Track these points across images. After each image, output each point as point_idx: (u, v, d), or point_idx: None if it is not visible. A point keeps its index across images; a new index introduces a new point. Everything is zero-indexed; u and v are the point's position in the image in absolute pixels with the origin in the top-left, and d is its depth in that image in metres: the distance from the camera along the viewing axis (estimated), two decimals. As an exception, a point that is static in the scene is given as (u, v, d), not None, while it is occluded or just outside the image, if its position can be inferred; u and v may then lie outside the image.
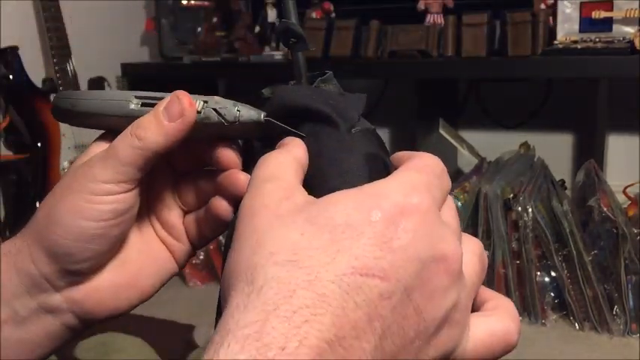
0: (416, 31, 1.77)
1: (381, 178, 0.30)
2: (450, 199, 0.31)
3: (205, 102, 0.35)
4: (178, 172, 0.41)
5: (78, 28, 2.00)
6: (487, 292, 0.31)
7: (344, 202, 0.26)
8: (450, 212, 0.30)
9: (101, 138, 0.38)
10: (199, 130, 0.35)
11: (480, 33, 1.68)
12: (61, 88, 1.89)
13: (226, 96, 0.36)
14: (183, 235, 0.41)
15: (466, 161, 1.97)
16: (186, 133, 0.35)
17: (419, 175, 0.28)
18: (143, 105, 0.36)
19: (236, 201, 0.36)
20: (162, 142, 0.35)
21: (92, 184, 0.35)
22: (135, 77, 2.20)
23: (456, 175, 1.85)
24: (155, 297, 0.43)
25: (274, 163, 0.30)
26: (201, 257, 1.76)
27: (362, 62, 1.82)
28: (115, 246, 0.38)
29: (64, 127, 1.90)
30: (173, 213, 0.41)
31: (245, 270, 0.25)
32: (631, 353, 1.30)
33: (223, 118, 0.35)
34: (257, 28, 2.06)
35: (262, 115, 0.35)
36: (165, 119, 0.34)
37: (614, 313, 1.37)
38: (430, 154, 0.31)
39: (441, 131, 1.87)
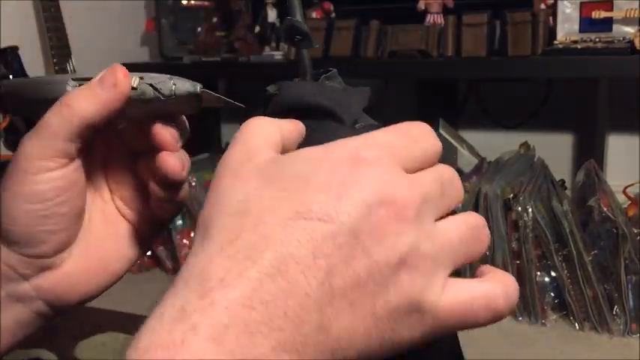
0: (416, 31, 1.77)
1: None
2: (442, 166, 0.30)
3: (141, 78, 0.36)
4: (134, 150, 0.40)
5: (78, 28, 2.00)
6: (489, 268, 0.30)
7: (298, 157, 0.28)
8: (428, 174, 0.29)
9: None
10: (137, 107, 0.36)
11: (480, 33, 1.68)
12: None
13: (227, 96, 0.36)
14: (146, 212, 0.41)
15: (466, 161, 1.97)
16: (120, 104, 0.35)
17: (384, 134, 0.28)
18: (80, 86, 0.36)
19: (169, 183, 0.37)
20: (92, 110, 0.34)
21: (25, 163, 0.35)
22: (135, 77, 2.20)
23: (456, 175, 1.85)
24: (155, 297, 0.44)
25: (245, 127, 0.31)
26: (201, 257, 1.76)
27: (362, 62, 1.82)
28: (71, 224, 0.37)
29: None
30: (133, 192, 0.41)
31: (203, 223, 0.27)
32: (631, 353, 1.30)
33: (159, 92, 0.35)
34: (257, 28, 2.06)
35: (198, 86, 0.35)
36: (97, 88, 0.35)
37: (614, 313, 1.37)
38: (414, 122, 0.30)
39: (441, 131, 1.87)
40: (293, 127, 0.32)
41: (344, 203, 0.25)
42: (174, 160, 0.36)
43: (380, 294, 0.25)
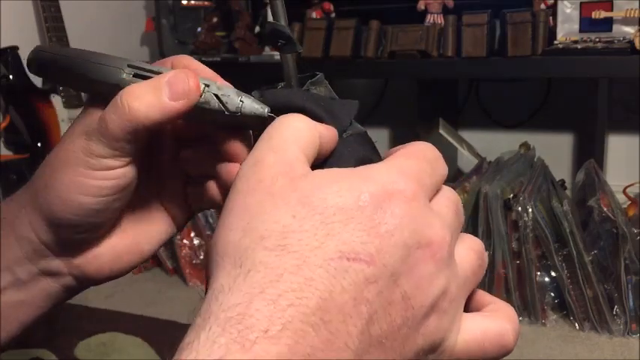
0: (416, 31, 1.77)
1: None
2: (447, 190, 0.30)
3: (207, 85, 0.34)
4: (180, 140, 0.40)
5: (78, 28, 2.00)
6: (487, 297, 0.31)
7: (337, 183, 0.26)
8: (444, 201, 0.29)
9: (93, 104, 0.35)
10: (196, 114, 0.34)
11: (480, 33, 1.68)
12: (61, 88, 1.90)
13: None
14: (185, 201, 0.40)
15: (466, 161, 1.97)
16: (184, 114, 0.33)
17: (407, 161, 0.28)
18: (135, 76, 0.34)
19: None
20: (156, 118, 0.32)
21: (90, 159, 0.34)
22: (135, 77, 2.19)
23: (456, 175, 1.85)
24: (155, 297, 0.44)
25: (281, 128, 0.29)
26: (201, 257, 1.76)
27: (362, 62, 1.82)
28: (115, 216, 0.38)
29: (64, 127, 1.90)
30: (175, 180, 0.40)
31: (234, 252, 0.25)
32: (631, 353, 1.30)
33: (224, 106, 0.33)
34: (257, 28, 2.06)
35: (266, 110, 0.33)
36: (165, 95, 0.32)
37: (614, 313, 1.37)
38: (423, 142, 0.30)
39: (441, 131, 1.87)
40: (332, 136, 0.31)
41: (385, 244, 0.25)
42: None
43: (410, 338, 0.26)
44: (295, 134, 0.29)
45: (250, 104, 0.33)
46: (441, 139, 1.86)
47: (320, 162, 0.31)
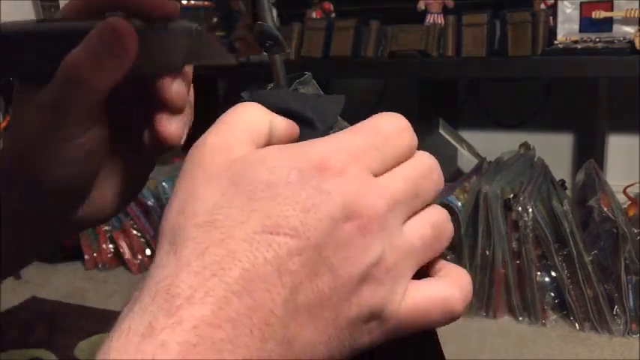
0: (416, 31, 1.77)
1: None
2: (416, 158, 0.30)
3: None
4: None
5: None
6: (442, 263, 0.31)
7: (270, 161, 0.27)
8: (399, 172, 0.29)
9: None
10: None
11: (480, 33, 1.68)
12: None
13: (226, 97, 0.36)
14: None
15: (466, 161, 1.97)
16: (128, 69, 0.33)
17: (352, 136, 0.28)
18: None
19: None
20: (105, 86, 0.34)
21: (52, 133, 0.35)
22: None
23: (456, 175, 1.85)
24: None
25: (231, 112, 0.30)
26: (201, 257, 1.76)
27: (362, 62, 1.82)
28: (97, 172, 0.39)
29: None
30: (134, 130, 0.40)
31: (169, 230, 0.27)
32: (631, 353, 1.30)
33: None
34: (254, 27, 2.05)
35: (194, 25, 0.33)
36: (105, 57, 0.33)
37: (614, 313, 1.36)
38: (384, 114, 0.30)
39: (441, 131, 1.87)
40: (286, 127, 0.31)
41: (310, 218, 0.25)
42: (173, 127, 0.38)
43: (342, 307, 0.26)
44: (242, 119, 0.30)
45: (180, 22, 0.34)
46: (441, 139, 1.86)
47: None
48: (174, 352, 0.22)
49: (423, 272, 0.30)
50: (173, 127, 0.37)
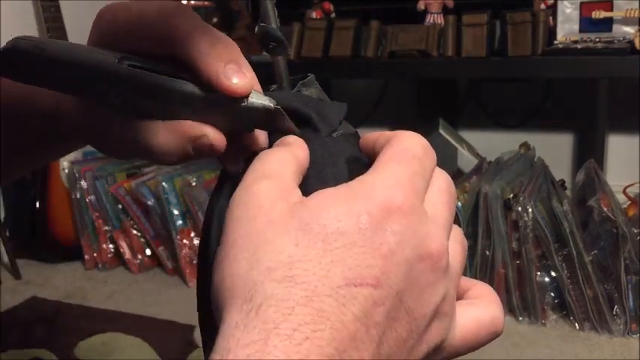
0: (416, 31, 1.77)
1: None
2: (438, 178, 0.30)
3: None
4: None
5: (78, 28, 2.00)
6: (466, 280, 0.32)
7: (335, 207, 0.26)
8: (437, 197, 0.29)
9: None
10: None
11: (480, 33, 1.68)
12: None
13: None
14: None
15: (466, 161, 1.97)
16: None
17: (399, 167, 0.28)
18: (130, 67, 0.30)
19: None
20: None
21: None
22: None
23: (456, 175, 1.85)
24: (155, 297, 0.44)
25: (274, 160, 0.30)
26: (201, 257, 1.76)
27: (362, 62, 1.82)
28: None
29: (64, 127, 1.90)
30: None
31: (243, 286, 0.25)
32: (631, 353, 1.30)
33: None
34: (257, 28, 2.05)
35: (273, 103, 0.32)
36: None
37: (614, 313, 1.36)
38: (408, 134, 0.30)
39: (441, 131, 1.87)
40: (305, 154, 0.31)
41: (390, 264, 0.25)
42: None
43: (415, 347, 0.26)
44: (283, 161, 0.29)
45: (258, 96, 0.33)
46: (441, 139, 1.86)
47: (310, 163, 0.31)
48: None
49: None
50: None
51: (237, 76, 0.32)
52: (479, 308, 0.30)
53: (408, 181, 0.28)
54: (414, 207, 0.27)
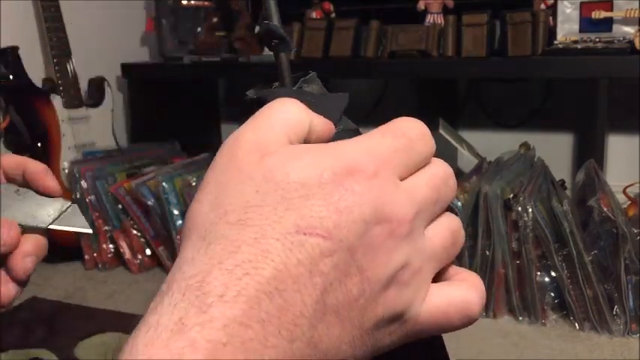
0: (416, 31, 1.77)
1: None
2: (435, 166, 0.30)
3: None
4: None
5: (78, 28, 2.00)
6: (454, 269, 0.32)
7: (301, 159, 0.27)
8: (422, 178, 0.29)
9: None
10: None
11: (480, 33, 1.68)
12: (61, 88, 1.89)
13: (226, 97, 0.36)
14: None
15: (466, 161, 1.97)
16: None
17: (381, 139, 0.28)
18: None
19: None
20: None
21: None
22: (135, 77, 2.20)
23: (456, 175, 1.85)
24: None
25: (268, 115, 0.29)
26: (201, 257, 1.76)
27: (362, 62, 1.82)
28: None
29: (64, 127, 1.90)
30: None
31: (201, 225, 0.26)
32: (631, 353, 1.30)
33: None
34: (257, 28, 2.06)
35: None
36: None
37: (614, 313, 1.37)
38: (408, 118, 0.30)
39: (441, 131, 1.87)
40: (325, 128, 0.31)
41: (343, 220, 0.26)
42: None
43: (368, 308, 0.26)
44: (282, 117, 0.29)
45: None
46: (441, 139, 1.86)
47: None
48: (203, 351, 0.22)
49: (437, 277, 0.31)
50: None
51: None
52: (454, 289, 0.30)
53: (382, 151, 0.28)
54: (378, 173, 0.27)
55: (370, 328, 0.27)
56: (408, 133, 0.29)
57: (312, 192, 0.26)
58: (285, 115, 0.29)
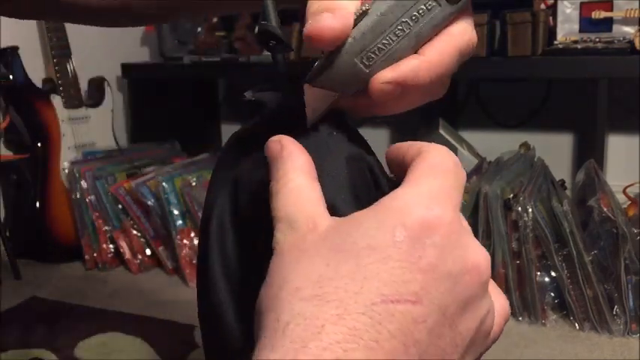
0: (416, 31, 1.77)
1: (362, 178, 0.30)
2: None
3: None
4: None
5: (78, 28, 2.00)
6: None
7: (366, 223, 0.25)
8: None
9: None
10: None
11: (480, 33, 1.68)
12: (61, 88, 1.89)
13: (226, 97, 0.36)
14: None
15: (466, 161, 1.97)
16: None
17: (436, 181, 0.27)
18: None
19: None
20: None
21: None
22: (135, 77, 2.20)
23: (456, 175, 1.85)
24: (155, 297, 0.44)
25: (294, 193, 0.28)
26: (201, 257, 1.76)
27: (362, 62, 1.81)
28: None
29: (64, 127, 1.90)
30: None
31: (272, 307, 0.24)
32: (631, 353, 1.30)
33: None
34: (257, 27, 2.05)
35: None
36: None
37: (614, 313, 1.36)
38: (439, 147, 0.29)
39: (441, 131, 1.87)
40: (306, 161, 0.30)
41: (430, 278, 0.24)
42: None
43: (459, 358, 0.25)
44: (303, 193, 0.28)
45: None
46: (441, 139, 1.86)
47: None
48: None
49: None
50: None
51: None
52: (495, 301, 0.29)
53: (446, 194, 0.26)
54: (453, 220, 0.26)
55: None
56: (450, 167, 0.28)
57: (387, 254, 0.24)
58: (307, 190, 0.28)
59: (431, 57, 0.29)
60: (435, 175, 0.27)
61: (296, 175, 0.29)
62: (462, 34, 0.30)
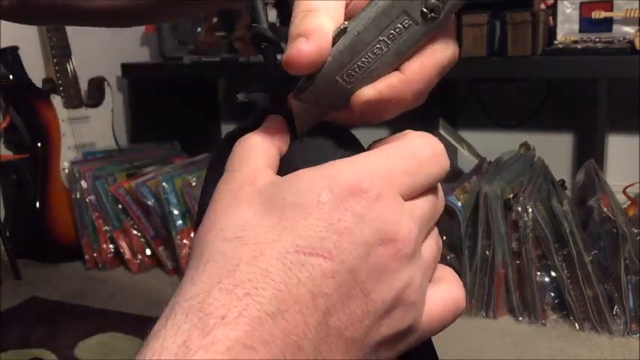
0: (416, 31, 1.77)
1: None
2: (436, 189, 0.30)
3: None
4: None
5: (78, 28, 2.00)
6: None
7: (297, 183, 0.27)
8: (426, 199, 0.29)
9: None
10: None
11: (480, 33, 1.68)
12: (61, 88, 1.90)
13: (226, 97, 0.36)
14: None
15: (466, 161, 1.97)
16: None
17: (384, 161, 0.28)
18: None
19: None
20: None
21: None
22: (135, 77, 2.20)
23: (456, 175, 1.85)
24: (155, 297, 0.44)
25: (246, 148, 0.30)
26: (201, 257, 1.76)
27: (362, 62, 1.81)
28: None
29: (64, 127, 1.90)
30: None
31: (197, 246, 0.27)
32: (631, 353, 1.30)
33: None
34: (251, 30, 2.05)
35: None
36: None
37: (614, 313, 1.36)
38: (422, 134, 0.30)
39: (441, 131, 1.87)
40: (279, 134, 0.31)
41: (345, 241, 0.25)
42: None
43: (372, 329, 0.26)
44: (254, 148, 0.30)
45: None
46: (441, 139, 1.85)
47: (290, 157, 0.32)
48: None
49: None
50: None
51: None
52: (442, 289, 0.30)
53: (386, 174, 0.27)
54: (381, 194, 0.27)
55: (374, 346, 0.27)
56: (418, 154, 0.29)
57: (309, 212, 0.26)
58: (258, 148, 0.30)
59: (411, 74, 0.31)
60: (391, 155, 0.28)
61: (253, 134, 0.31)
62: (442, 50, 0.31)
